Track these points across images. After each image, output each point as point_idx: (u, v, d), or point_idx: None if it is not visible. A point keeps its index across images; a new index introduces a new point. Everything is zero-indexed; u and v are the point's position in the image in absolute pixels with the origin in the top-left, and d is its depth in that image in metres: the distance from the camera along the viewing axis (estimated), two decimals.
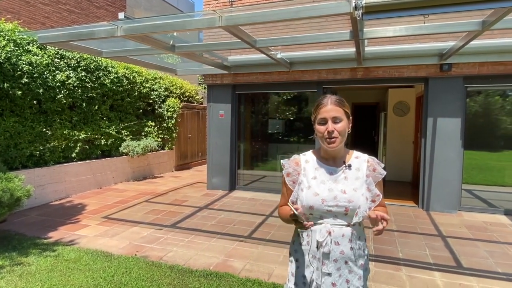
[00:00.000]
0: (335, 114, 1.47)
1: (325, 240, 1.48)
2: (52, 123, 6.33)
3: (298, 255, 1.60)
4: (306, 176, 1.57)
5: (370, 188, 1.53)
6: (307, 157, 1.63)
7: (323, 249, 1.49)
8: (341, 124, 1.48)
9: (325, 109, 1.49)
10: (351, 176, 1.53)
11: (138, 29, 3.71)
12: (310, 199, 1.50)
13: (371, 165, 1.57)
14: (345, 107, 1.52)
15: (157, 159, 9.36)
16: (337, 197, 1.48)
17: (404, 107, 8.56)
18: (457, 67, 5.48)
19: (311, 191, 1.51)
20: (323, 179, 1.53)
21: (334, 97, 1.52)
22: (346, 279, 1.50)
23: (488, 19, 3.31)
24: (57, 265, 3.52)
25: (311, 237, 1.54)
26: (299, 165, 1.61)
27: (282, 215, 1.65)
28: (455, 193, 5.70)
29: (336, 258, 1.49)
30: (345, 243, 1.49)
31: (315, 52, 5.86)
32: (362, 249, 1.56)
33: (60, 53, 6.45)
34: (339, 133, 1.47)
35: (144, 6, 14.65)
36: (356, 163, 1.57)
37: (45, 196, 6.11)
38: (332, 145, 1.48)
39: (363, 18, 2.81)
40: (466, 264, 3.72)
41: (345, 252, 1.49)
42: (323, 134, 1.49)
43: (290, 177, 1.61)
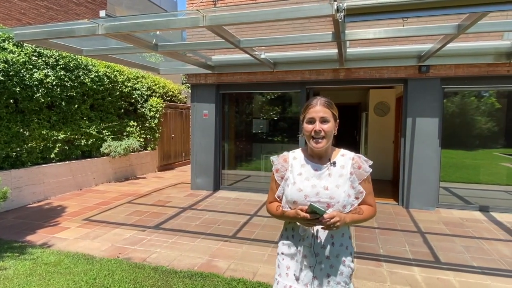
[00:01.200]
0: (323, 115, 1.53)
1: (307, 235, 1.55)
2: (29, 123, 6.13)
3: (284, 248, 1.65)
4: (293, 173, 1.62)
5: (354, 185, 1.58)
6: (296, 154, 1.70)
7: (304, 243, 1.55)
8: (328, 125, 1.54)
9: (314, 109, 1.55)
10: (335, 173, 1.57)
11: (120, 27, 3.65)
12: (294, 195, 1.55)
13: (356, 162, 1.61)
14: (333, 109, 1.58)
15: (139, 160, 9.22)
16: (320, 193, 1.53)
17: (385, 108, 8.77)
18: (435, 68, 5.67)
19: (295, 186, 1.57)
20: (307, 176, 1.59)
21: (324, 99, 1.58)
22: (327, 273, 1.54)
23: (463, 23, 3.45)
24: (36, 269, 3.42)
25: (295, 231, 1.61)
26: (287, 161, 1.68)
27: (272, 211, 1.70)
28: (433, 190, 5.89)
29: (317, 252, 1.54)
30: (327, 239, 1.54)
31: (298, 53, 5.92)
32: (345, 246, 1.59)
33: (38, 51, 6.26)
34: (325, 133, 1.53)
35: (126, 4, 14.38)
36: (342, 160, 1.62)
37: (22, 199, 5.91)
38: (318, 145, 1.54)
39: (345, 21, 2.87)
40: (443, 259, 3.85)
41: (326, 247, 1.54)
42: (310, 133, 1.55)
43: (278, 173, 1.68)
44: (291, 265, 1.60)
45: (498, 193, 5.90)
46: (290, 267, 1.60)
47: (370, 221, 5.23)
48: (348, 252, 1.60)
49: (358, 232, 4.74)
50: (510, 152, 5.89)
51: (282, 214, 1.63)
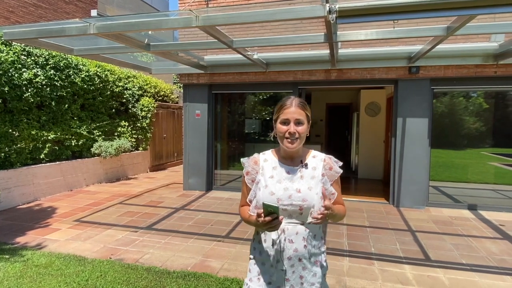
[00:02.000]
0: (298, 117, 1.51)
1: (278, 238, 1.50)
2: (18, 123, 6.04)
3: (256, 253, 1.61)
4: (264, 175, 1.58)
5: (326, 187, 1.56)
6: (266, 156, 1.65)
7: (277, 246, 1.51)
8: (303, 127, 1.52)
9: (289, 110, 1.52)
10: (307, 175, 1.55)
11: (112, 27, 3.62)
12: (266, 199, 1.49)
13: (327, 163, 1.60)
14: (308, 110, 1.56)
15: (131, 160, 9.15)
16: (292, 196, 1.49)
17: (376, 108, 8.87)
18: (425, 69, 5.76)
19: (267, 190, 1.52)
20: (279, 178, 1.55)
21: (298, 100, 1.55)
22: (300, 275, 1.52)
23: (452, 25, 3.52)
24: (27, 271, 3.38)
25: (267, 235, 1.56)
26: (258, 164, 1.63)
27: (242, 216, 1.65)
28: (423, 189, 5.99)
29: (290, 256, 1.50)
30: (299, 241, 1.50)
31: (291, 53, 5.95)
32: (317, 247, 1.57)
33: (27, 50, 6.17)
34: (299, 135, 1.51)
35: (117, 3, 14.25)
36: (313, 162, 1.60)
37: (11, 200, 5.82)
38: (291, 146, 1.51)
39: (337, 22, 2.90)
40: (433, 257, 3.92)
41: (298, 250, 1.50)
42: (284, 134, 1.52)
43: (249, 176, 1.63)
44: (263, 270, 1.56)
45: (486, 191, 6.02)
46: (262, 272, 1.56)
47: (362, 220, 5.31)
48: (321, 252, 1.59)
49: (350, 231, 4.79)
50: (498, 152, 6.03)
51: (251, 220, 1.55)
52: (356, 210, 5.88)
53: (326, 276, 1.64)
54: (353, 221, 5.23)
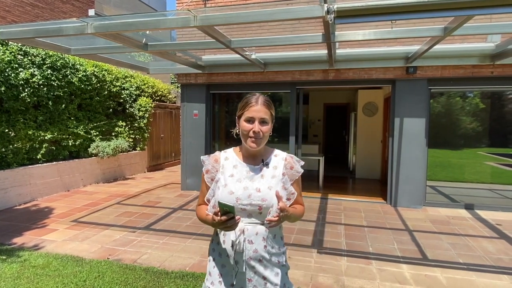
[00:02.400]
0: (263, 116, 1.48)
1: (238, 239, 1.46)
2: (15, 123, 6.01)
3: (215, 254, 1.56)
4: (224, 174, 1.54)
5: (286, 186, 1.54)
6: (228, 154, 1.61)
7: (236, 247, 1.47)
8: (267, 127, 1.50)
9: (255, 108, 1.48)
10: (267, 174, 1.52)
11: (110, 27, 3.61)
12: (225, 198, 1.46)
13: (288, 163, 1.58)
14: (272, 109, 1.54)
15: (128, 160, 9.12)
16: (251, 195, 1.46)
17: (373, 108, 8.89)
18: (422, 69, 5.79)
19: (226, 189, 1.48)
20: (239, 177, 1.51)
21: (264, 98, 1.52)
22: (263, 276, 1.49)
23: (450, 25, 3.53)
24: (24, 271, 3.36)
25: (226, 236, 1.51)
26: (218, 162, 1.58)
27: (199, 215, 1.60)
28: (420, 189, 6.02)
29: (250, 257, 1.47)
30: (259, 242, 1.47)
31: (289, 54, 5.96)
32: (277, 247, 1.54)
33: (23, 49, 6.14)
34: (263, 135, 1.48)
35: (114, 3, 14.19)
36: (275, 161, 1.57)
37: (8, 200, 5.79)
38: (254, 145, 1.48)
39: (335, 22, 2.91)
40: (431, 256, 3.94)
41: (258, 250, 1.47)
42: (248, 133, 1.48)
43: (209, 174, 1.57)
44: (224, 272, 1.51)
45: (482, 191, 6.06)
46: (223, 274, 1.51)
47: (360, 219, 5.32)
48: (281, 252, 1.57)
49: (348, 230, 4.80)
50: (494, 151, 6.07)
51: (208, 220, 1.49)
52: (354, 210, 5.89)
53: (288, 275, 1.62)
54: (351, 221, 5.24)
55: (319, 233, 4.71)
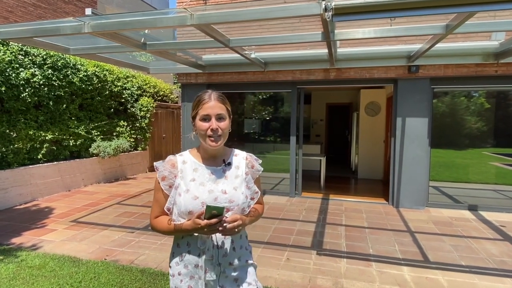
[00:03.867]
0: (219, 111, 1.42)
1: (207, 246, 1.41)
2: (16, 123, 6.02)
3: (180, 268, 1.46)
4: (184, 179, 1.44)
5: (249, 186, 1.52)
6: (184, 157, 1.51)
7: (205, 256, 1.40)
8: (225, 123, 1.44)
9: (209, 105, 1.41)
10: (231, 175, 1.48)
11: (107, 26, 3.58)
12: (189, 204, 1.38)
13: (249, 162, 1.56)
14: (228, 104, 1.49)
15: (129, 160, 9.12)
16: (218, 198, 1.41)
17: (376, 107, 8.81)
18: (424, 68, 5.70)
19: (189, 194, 1.40)
20: (202, 181, 1.44)
21: (217, 93, 1.46)
22: (235, 278, 1.45)
23: (451, 23, 3.46)
24: (20, 272, 3.34)
25: (191, 246, 1.43)
26: (175, 167, 1.47)
27: (159, 227, 1.47)
28: (422, 190, 5.93)
29: (220, 262, 1.42)
30: (228, 245, 1.44)
31: (289, 53, 5.91)
32: (244, 247, 1.53)
33: (24, 49, 6.14)
34: (222, 132, 1.43)
35: (117, 3, 14.22)
36: (236, 160, 1.54)
37: (8, 200, 5.80)
38: (214, 144, 1.41)
39: (333, 20, 2.85)
40: (432, 258, 3.87)
41: (228, 254, 1.44)
42: (205, 132, 1.40)
43: (166, 181, 1.46)
44: (193, 284, 1.43)
45: (487, 192, 5.96)
46: (193, 287, 1.44)
47: (361, 220, 5.25)
48: (248, 252, 1.56)
49: (348, 232, 4.74)
50: (499, 152, 5.96)
51: (177, 229, 1.40)
52: (355, 210, 5.83)
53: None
54: (351, 222, 5.18)
55: (319, 234, 4.66)
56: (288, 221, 5.16)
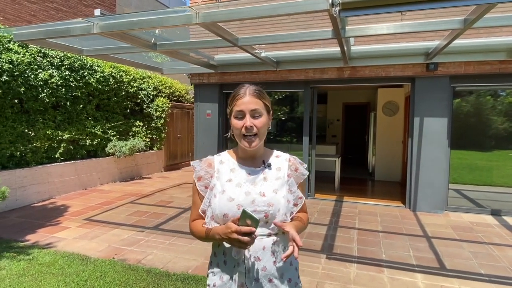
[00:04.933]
0: (254, 107, 1.29)
1: (241, 257, 1.28)
2: (34, 122, 6.20)
3: (215, 279, 1.35)
4: (220, 179, 1.35)
5: (292, 190, 1.37)
6: (222, 157, 1.42)
7: (240, 268, 1.28)
8: (261, 120, 1.31)
9: (243, 100, 1.29)
10: (271, 177, 1.35)
11: (115, 26, 3.61)
12: (224, 206, 1.28)
13: (292, 164, 1.43)
14: (265, 99, 1.35)
15: (145, 160, 9.24)
16: (255, 201, 1.28)
17: (394, 107, 8.53)
18: (444, 66, 5.45)
19: (225, 196, 1.29)
20: (239, 182, 1.33)
21: (253, 87, 1.33)
22: None
23: (469, 17, 3.26)
24: (30, 269, 3.41)
25: (227, 255, 1.31)
26: (212, 166, 1.39)
27: (196, 232, 1.38)
28: (441, 193, 5.67)
29: (257, 278, 1.27)
30: (267, 258, 1.28)
31: (301, 51, 5.80)
32: (288, 262, 1.35)
33: (43, 51, 6.32)
34: (258, 130, 1.29)
35: (135, 5, 14.50)
36: (277, 162, 1.42)
37: (27, 198, 5.97)
38: (251, 146, 1.30)
39: (340, 15, 2.74)
40: (449, 266, 3.67)
41: (267, 268, 1.28)
42: (240, 131, 1.30)
43: (202, 182, 1.37)
44: None
45: None
46: None
47: (375, 224, 5.08)
48: (293, 268, 1.38)
49: (361, 235, 4.58)
50: None
51: (207, 233, 1.30)
52: (370, 213, 5.64)
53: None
54: (365, 225, 5.01)
55: (330, 237, 4.52)
56: None
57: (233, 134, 1.35)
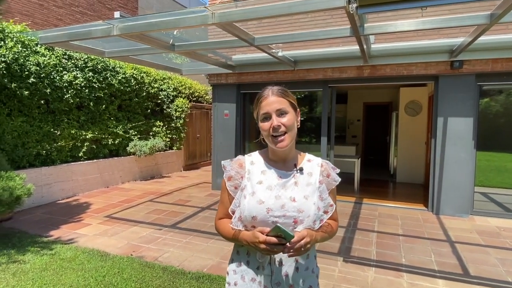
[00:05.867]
0: (279, 106, 1.27)
1: (266, 261, 1.27)
2: (59, 122, 6.43)
3: (237, 277, 1.34)
4: (251, 180, 1.33)
5: (323, 197, 1.34)
6: (253, 158, 1.40)
7: (264, 271, 1.27)
8: (288, 117, 1.28)
9: (267, 101, 1.28)
10: (302, 182, 1.32)
11: (134, 27, 3.68)
12: (253, 208, 1.26)
13: (325, 169, 1.38)
14: (290, 97, 1.33)
15: (165, 159, 9.40)
16: (285, 205, 1.26)
17: (417, 107, 8.27)
18: (469, 64, 5.22)
19: (255, 198, 1.27)
20: (270, 184, 1.31)
21: (276, 88, 1.32)
22: None
23: (496, 11, 3.10)
24: (52, 264, 3.53)
25: (251, 257, 1.31)
26: (243, 167, 1.37)
27: (222, 231, 1.38)
28: (466, 196, 5.44)
29: (278, 281, 1.27)
30: (290, 263, 1.28)
31: (319, 50, 5.71)
32: (310, 269, 1.35)
33: (67, 53, 6.55)
34: (286, 128, 1.27)
35: (156, 8, 14.80)
36: (309, 166, 1.37)
37: (52, 195, 6.21)
38: (281, 144, 1.27)
39: (358, 12, 2.68)
40: (473, 272, 3.51)
41: (289, 273, 1.28)
42: (268, 132, 1.28)
43: (231, 182, 1.36)
44: None
45: None
46: None
47: (395, 227, 4.93)
48: (315, 275, 1.37)
49: (380, 239, 4.46)
50: None
51: (235, 236, 1.31)
52: (390, 216, 5.48)
53: None
54: (385, 228, 4.87)
55: (347, 240, 4.43)
56: None
57: (263, 138, 1.34)
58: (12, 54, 5.41)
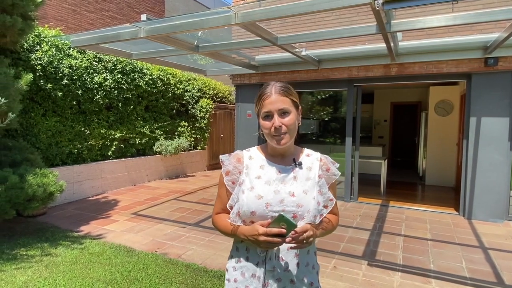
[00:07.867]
0: (281, 106, 1.25)
1: (268, 256, 1.26)
2: (90, 122, 6.70)
3: (237, 274, 1.33)
4: (249, 175, 1.32)
5: (323, 191, 1.32)
6: (251, 153, 1.39)
7: (264, 266, 1.26)
8: (290, 118, 1.27)
9: (269, 100, 1.26)
10: (301, 176, 1.32)
11: (159, 29, 3.77)
12: (252, 203, 1.25)
13: (324, 164, 1.37)
14: (293, 95, 1.30)
15: (189, 158, 9.57)
16: (284, 200, 1.26)
17: (447, 106, 7.93)
18: (505, 61, 4.94)
19: (253, 193, 1.27)
20: (268, 179, 1.30)
21: (279, 85, 1.29)
22: None
23: None
24: (81, 257, 3.68)
25: (251, 252, 1.30)
26: (241, 162, 1.36)
27: (220, 226, 1.37)
28: (502, 200, 5.14)
29: (279, 277, 1.26)
30: (291, 259, 1.27)
31: (344, 49, 5.61)
32: (311, 265, 1.33)
33: (98, 56, 6.81)
34: (287, 128, 1.26)
35: (182, 10, 15.11)
36: (308, 161, 1.37)
37: (82, 192, 6.48)
38: (281, 143, 1.27)
39: (384, 8, 2.60)
40: (508, 281, 3.31)
41: (290, 269, 1.27)
42: (269, 131, 1.27)
43: (229, 176, 1.36)
44: None
45: None
46: None
47: (423, 231, 4.75)
48: (315, 272, 1.36)
49: (407, 243, 4.31)
50: None
51: (234, 230, 1.30)
52: (418, 220, 5.29)
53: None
54: (412, 232, 4.70)
55: (373, 243, 4.31)
56: (340, 227, 4.88)
57: (263, 133, 1.33)
58: (47, 57, 5.69)
